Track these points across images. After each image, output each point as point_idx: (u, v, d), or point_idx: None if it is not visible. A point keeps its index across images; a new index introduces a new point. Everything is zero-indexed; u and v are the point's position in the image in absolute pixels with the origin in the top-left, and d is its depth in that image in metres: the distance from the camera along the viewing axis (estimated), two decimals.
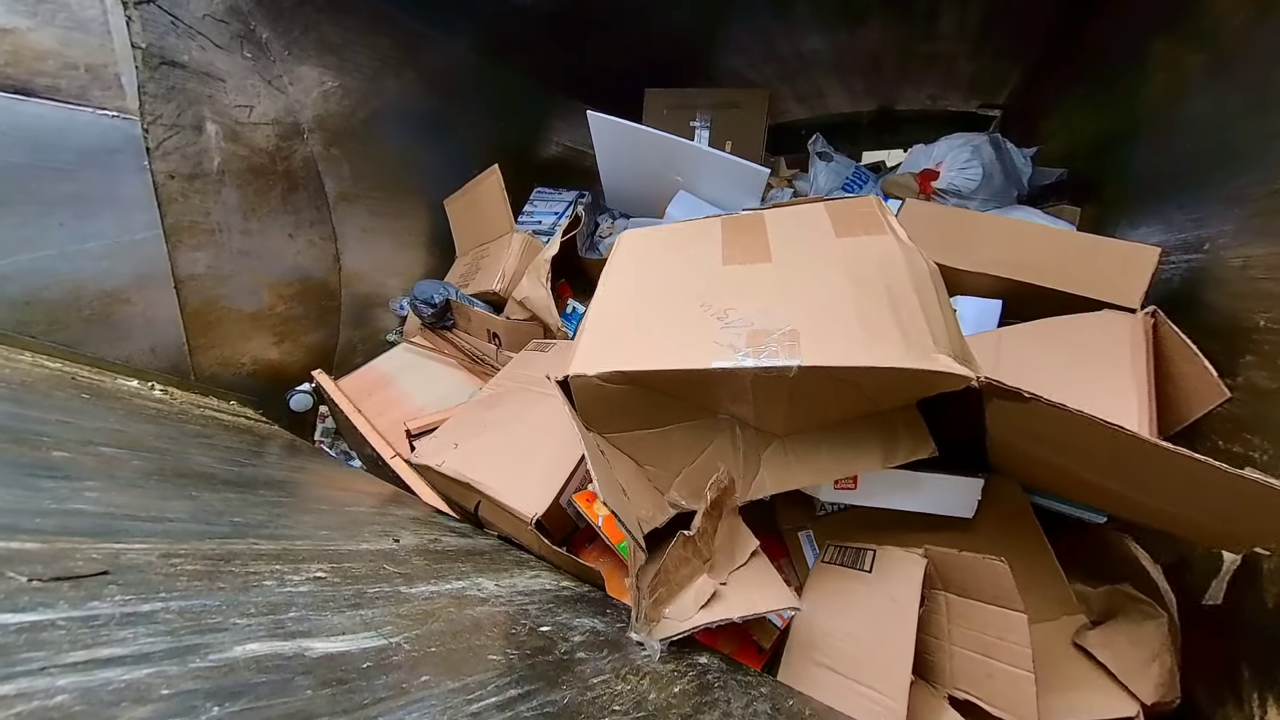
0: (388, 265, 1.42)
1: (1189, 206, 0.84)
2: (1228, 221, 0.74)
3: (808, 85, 1.90)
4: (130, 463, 0.54)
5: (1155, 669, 0.54)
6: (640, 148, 1.29)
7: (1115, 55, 1.19)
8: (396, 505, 0.72)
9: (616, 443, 0.61)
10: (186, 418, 0.85)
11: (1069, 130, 1.41)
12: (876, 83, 1.88)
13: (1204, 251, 0.77)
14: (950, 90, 1.89)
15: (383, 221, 1.38)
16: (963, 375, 0.47)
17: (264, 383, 1.13)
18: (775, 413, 0.56)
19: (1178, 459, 0.44)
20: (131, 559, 0.34)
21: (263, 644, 0.30)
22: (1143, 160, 1.04)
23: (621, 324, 0.62)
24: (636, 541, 0.52)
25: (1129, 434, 0.45)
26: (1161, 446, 0.45)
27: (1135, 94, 1.06)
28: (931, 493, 0.63)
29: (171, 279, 0.96)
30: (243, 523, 0.49)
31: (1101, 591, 0.60)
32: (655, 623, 0.50)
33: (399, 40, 1.32)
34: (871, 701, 0.51)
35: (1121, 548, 0.62)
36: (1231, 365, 0.65)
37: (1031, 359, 0.75)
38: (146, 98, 0.89)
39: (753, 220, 0.74)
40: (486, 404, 0.91)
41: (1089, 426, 0.46)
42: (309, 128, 1.17)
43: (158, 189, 0.92)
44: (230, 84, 1.02)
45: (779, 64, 1.75)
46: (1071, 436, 0.50)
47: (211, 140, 1.00)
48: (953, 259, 0.83)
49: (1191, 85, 0.89)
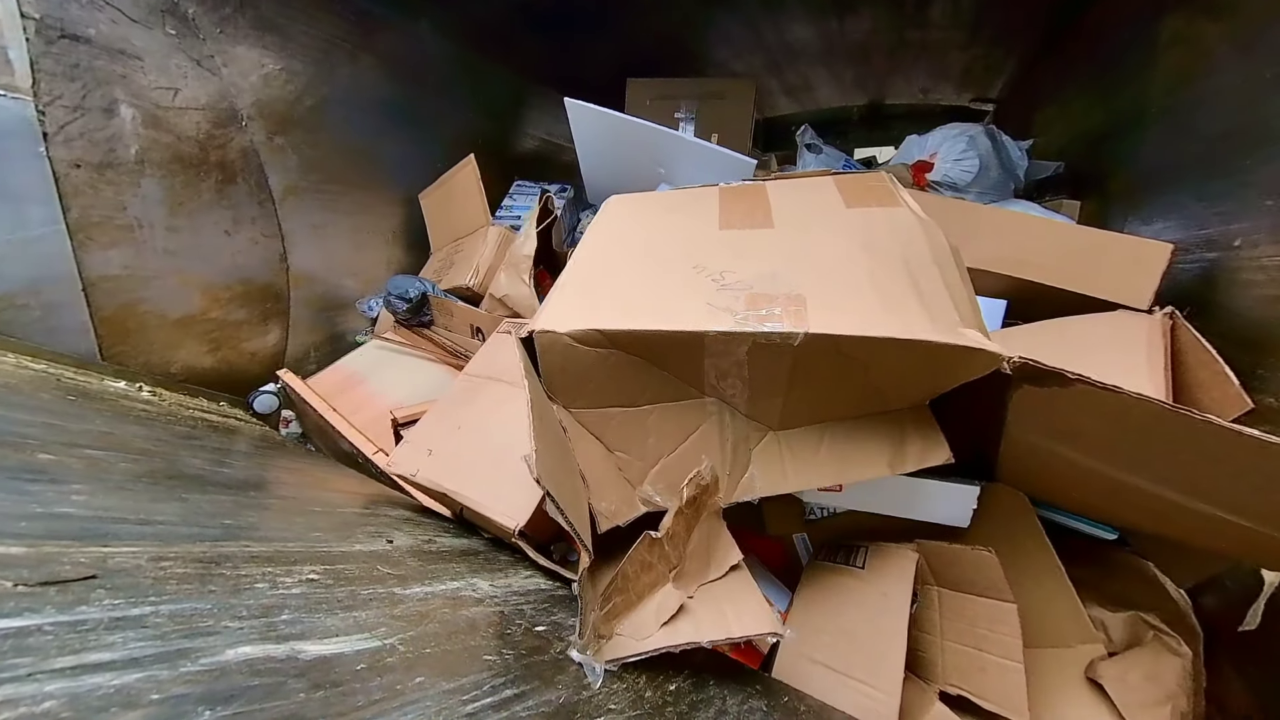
0: (344, 265, 1.33)
1: (1212, 198, 0.77)
2: (1261, 215, 0.67)
3: (796, 77, 1.84)
4: (118, 465, 0.53)
5: (1166, 712, 0.49)
6: (622, 138, 1.24)
7: (1121, 35, 1.12)
8: (389, 505, 0.72)
9: (584, 420, 0.52)
10: (175, 419, 0.84)
11: (1067, 120, 1.36)
12: (866, 74, 1.82)
13: (1233, 248, 0.71)
14: (942, 82, 1.83)
15: (338, 217, 1.28)
16: (995, 353, 0.40)
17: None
18: (771, 395, 0.49)
19: (1247, 441, 0.38)
20: (120, 562, 0.33)
21: (255, 647, 0.29)
22: (1154, 148, 0.97)
23: (602, 281, 0.54)
24: (577, 536, 0.44)
25: (1191, 415, 0.39)
26: (1231, 428, 0.38)
27: (1145, 75, 0.98)
28: (923, 499, 0.58)
29: (79, 281, 0.85)
30: (234, 525, 0.48)
31: (1123, 618, 0.55)
32: (606, 640, 0.43)
33: (351, 21, 1.23)
34: (865, 696, 0.51)
35: (1144, 571, 0.57)
36: (1256, 376, 0.59)
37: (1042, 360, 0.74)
38: (42, 75, 0.79)
39: (753, 188, 0.68)
40: (459, 400, 0.84)
41: (1139, 411, 0.40)
42: (248, 114, 1.07)
43: (59, 179, 0.81)
44: (149, 63, 0.91)
45: (765, 54, 1.70)
46: (1110, 427, 0.44)
47: (127, 125, 0.89)
48: None
49: (1214, 61, 0.81)
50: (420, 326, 1.20)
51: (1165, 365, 0.64)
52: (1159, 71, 0.97)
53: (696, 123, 1.54)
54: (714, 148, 1.18)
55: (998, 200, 1.21)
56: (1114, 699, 0.51)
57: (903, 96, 1.98)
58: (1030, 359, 0.42)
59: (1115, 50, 1.16)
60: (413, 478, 0.69)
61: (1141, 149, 1.02)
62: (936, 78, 1.81)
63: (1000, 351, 0.41)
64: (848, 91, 1.96)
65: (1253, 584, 0.53)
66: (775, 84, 1.89)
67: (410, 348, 1.20)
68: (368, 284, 1.36)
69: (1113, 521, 0.60)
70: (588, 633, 0.42)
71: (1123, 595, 0.58)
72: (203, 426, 0.87)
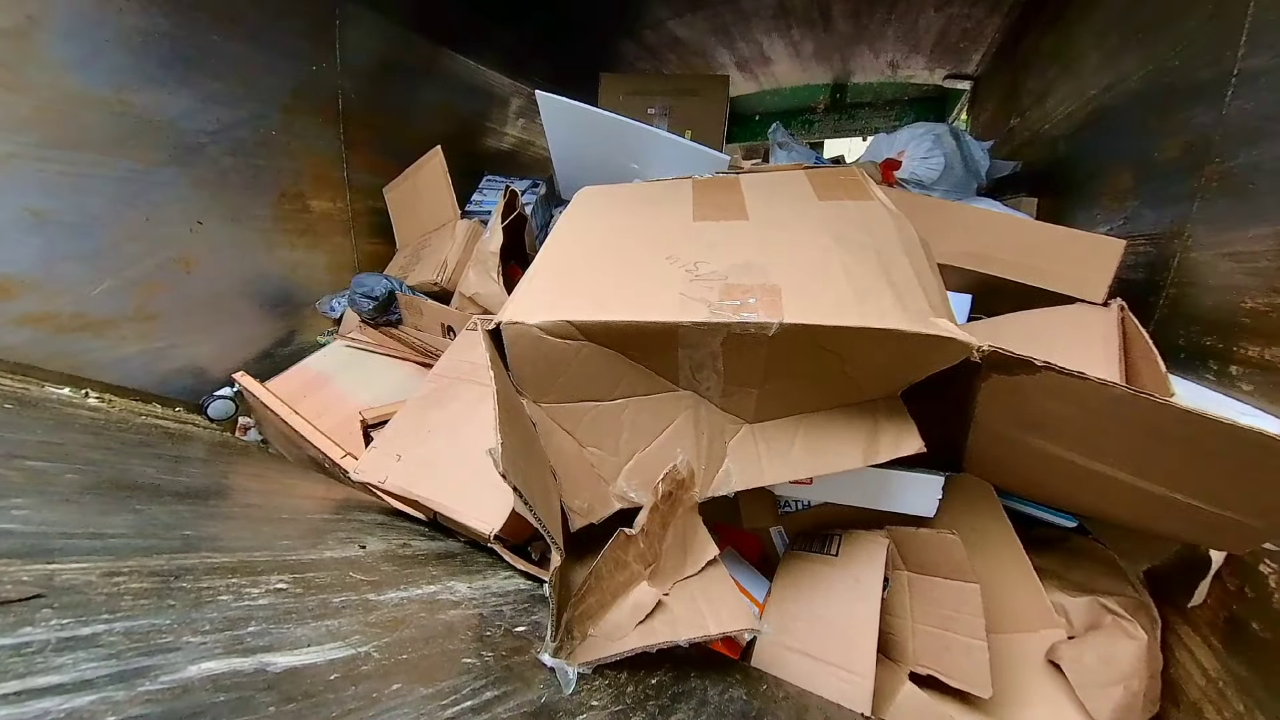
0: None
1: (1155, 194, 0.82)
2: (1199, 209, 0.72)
3: (749, 47, 1.65)
4: (64, 477, 0.50)
5: (1119, 692, 0.51)
6: (595, 132, 1.21)
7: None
8: (360, 510, 0.70)
9: (555, 415, 0.50)
10: (126, 426, 0.80)
11: (1062, 94, 1.26)
12: (828, 44, 1.61)
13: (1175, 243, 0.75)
14: (913, 54, 1.63)
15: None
16: (966, 342, 0.41)
17: None
18: (747, 387, 0.49)
19: (1215, 425, 0.40)
20: (68, 579, 0.32)
21: (219, 662, 0.28)
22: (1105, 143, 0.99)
23: (573, 272, 0.53)
24: (547, 533, 0.42)
25: (1152, 398, 0.41)
26: (1194, 411, 0.40)
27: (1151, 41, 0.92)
28: (890, 490, 0.60)
29: None
30: (194, 535, 0.46)
31: (1083, 603, 0.57)
32: (579, 641, 0.42)
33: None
34: (841, 680, 0.52)
35: (1104, 558, 0.60)
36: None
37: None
38: None
39: (727, 180, 0.68)
40: (428, 402, 0.81)
41: (1103, 395, 0.42)
42: None
43: None
44: None
45: (711, 15, 1.52)
46: (1075, 413, 0.46)
47: None
48: None
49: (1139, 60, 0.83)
50: (388, 325, 1.17)
51: (1120, 354, 0.68)
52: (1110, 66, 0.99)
53: (670, 119, 1.54)
54: (688, 143, 1.18)
55: (962, 198, 1.26)
56: (1071, 680, 0.53)
57: (870, 72, 1.79)
58: (999, 348, 0.43)
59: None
60: (381, 485, 0.67)
61: (1097, 144, 1.05)
62: (907, 48, 1.61)
63: (971, 340, 0.42)
64: (808, 66, 1.77)
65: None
66: (727, 55, 1.70)
67: (378, 348, 1.17)
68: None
69: (1076, 509, 0.63)
70: (560, 634, 0.40)
71: (1084, 581, 0.59)
72: (157, 434, 0.83)
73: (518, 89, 1.68)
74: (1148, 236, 0.85)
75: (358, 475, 0.71)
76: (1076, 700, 0.52)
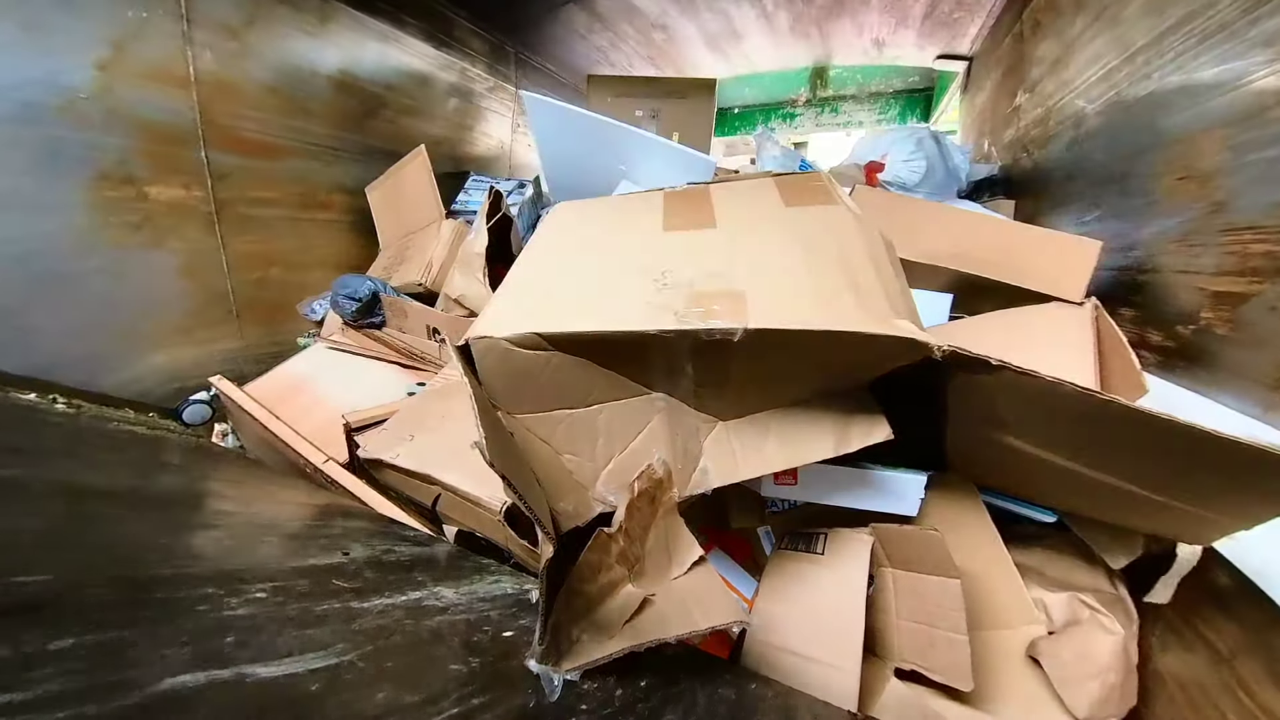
0: None
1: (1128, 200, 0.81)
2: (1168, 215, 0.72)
3: (716, 20, 1.47)
4: (30, 485, 0.48)
5: (1095, 686, 0.52)
6: (582, 134, 1.22)
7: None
8: (344, 516, 0.68)
9: (530, 425, 0.51)
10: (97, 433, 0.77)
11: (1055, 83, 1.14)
12: (806, 15, 1.43)
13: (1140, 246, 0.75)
14: (901, 27, 1.44)
15: None
16: (925, 342, 0.42)
17: None
18: (718, 389, 0.50)
19: (1158, 422, 0.41)
20: (34, 593, 0.30)
21: (196, 674, 0.27)
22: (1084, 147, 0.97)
23: (542, 285, 0.55)
24: (538, 521, 0.42)
25: (1102, 397, 0.42)
26: (1140, 410, 0.41)
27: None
28: (873, 490, 0.61)
29: None
30: (169, 544, 0.45)
31: (1062, 598, 0.58)
32: (566, 645, 0.42)
33: None
34: (827, 676, 0.53)
35: (1082, 554, 0.61)
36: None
37: (986, 352, 0.78)
38: None
39: (697, 190, 0.70)
40: (441, 395, 0.83)
41: (1056, 394, 0.44)
42: None
43: None
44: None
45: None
46: (1033, 410, 0.48)
47: None
48: (902, 249, 0.81)
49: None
50: (371, 327, 1.15)
51: (1094, 352, 0.70)
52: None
53: (658, 121, 1.56)
54: (676, 146, 1.19)
55: (943, 200, 1.29)
56: (1050, 674, 0.54)
57: (853, 53, 1.61)
58: (958, 348, 0.44)
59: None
60: (393, 461, 0.68)
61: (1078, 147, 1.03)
62: (894, 20, 1.43)
63: (930, 340, 0.43)
64: (784, 43, 1.58)
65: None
66: (693, 28, 1.49)
67: (361, 350, 1.15)
68: None
69: (1049, 503, 0.65)
70: (548, 636, 0.40)
71: (1062, 578, 0.61)
72: (129, 440, 0.80)
73: (448, 62, 1.46)
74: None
75: (365, 453, 0.72)
76: (1056, 695, 0.53)
